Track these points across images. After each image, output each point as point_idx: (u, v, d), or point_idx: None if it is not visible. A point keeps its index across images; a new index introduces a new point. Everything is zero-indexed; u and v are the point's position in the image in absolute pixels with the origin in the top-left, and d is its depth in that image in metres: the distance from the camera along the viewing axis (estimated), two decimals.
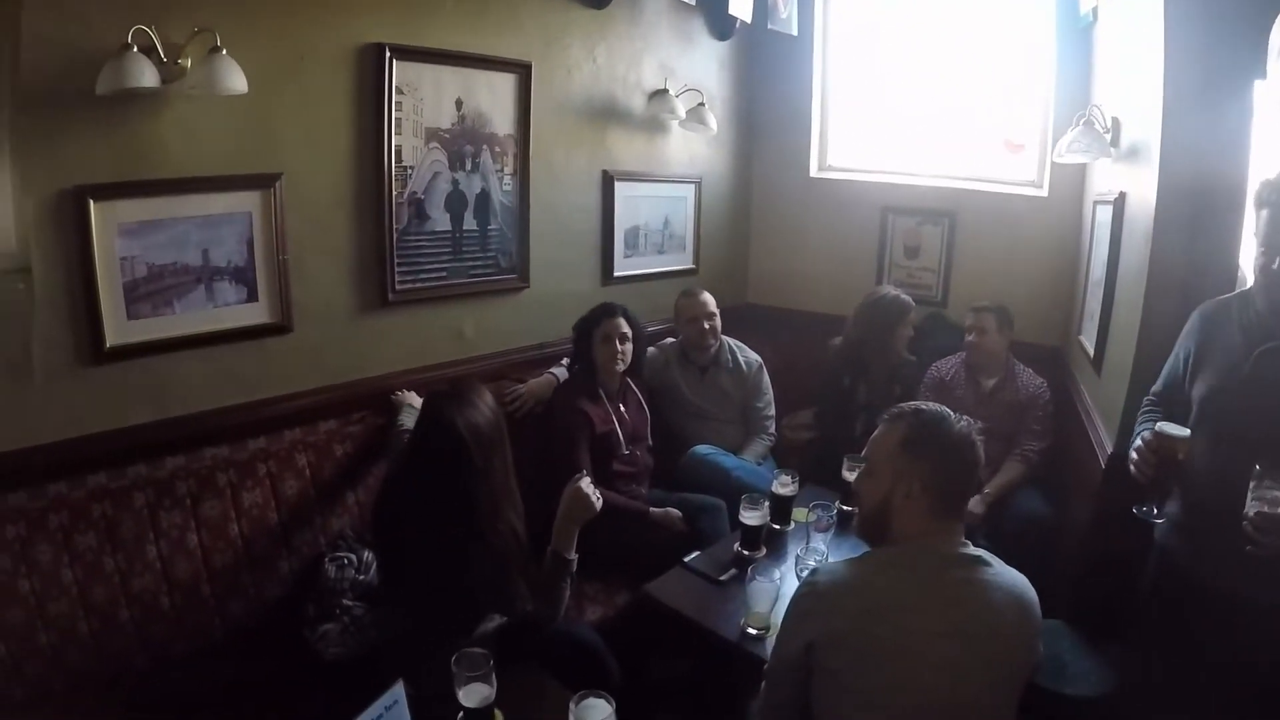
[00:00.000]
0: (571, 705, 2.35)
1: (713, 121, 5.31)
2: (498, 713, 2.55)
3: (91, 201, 3.28)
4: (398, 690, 2.15)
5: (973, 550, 2.30)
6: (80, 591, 3.21)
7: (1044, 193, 5.19)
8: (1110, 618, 3.43)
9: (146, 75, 3.13)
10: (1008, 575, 2.29)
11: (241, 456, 3.68)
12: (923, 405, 2.39)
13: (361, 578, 3.60)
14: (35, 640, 3.11)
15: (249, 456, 3.70)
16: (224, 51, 3.25)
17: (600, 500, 3.10)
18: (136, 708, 3.14)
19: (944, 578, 2.24)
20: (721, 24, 5.49)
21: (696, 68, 5.49)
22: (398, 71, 4.06)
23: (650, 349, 4.81)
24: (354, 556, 3.66)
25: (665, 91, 5.17)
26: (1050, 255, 5.15)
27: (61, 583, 3.18)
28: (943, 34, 5.34)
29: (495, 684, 2.50)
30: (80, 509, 3.26)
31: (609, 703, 2.35)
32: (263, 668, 3.32)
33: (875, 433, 2.43)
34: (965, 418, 2.35)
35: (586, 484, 3.09)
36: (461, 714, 2.51)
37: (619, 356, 4.31)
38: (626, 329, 4.33)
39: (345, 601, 3.48)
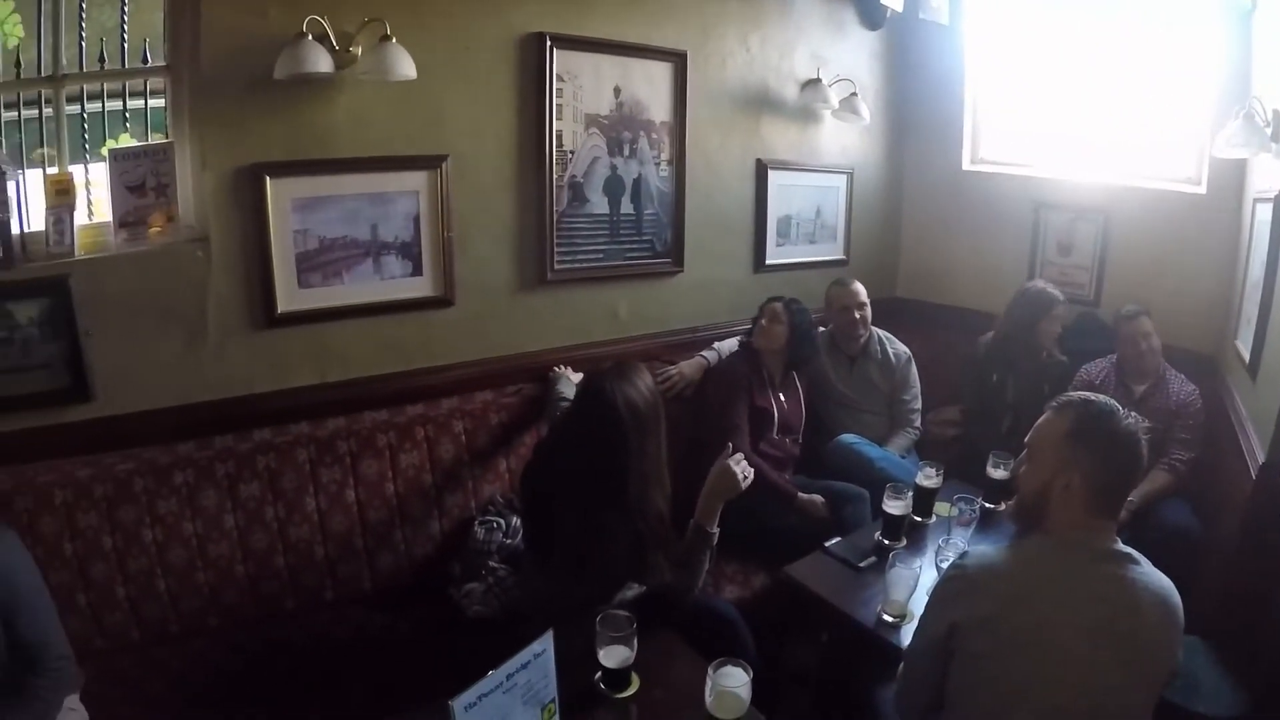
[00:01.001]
0: (710, 670, 2.28)
1: (865, 112, 5.09)
2: (634, 675, 2.49)
3: (268, 178, 3.38)
4: (547, 639, 2.11)
5: (1123, 547, 2.15)
6: (240, 536, 3.32)
7: (1201, 189, 4.75)
8: (1252, 637, 3.15)
9: (321, 61, 3.20)
10: (1155, 576, 2.13)
11: (400, 420, 3.69)
12: (1092, 396, 2.21)
13: (509, 542, 3.55)
14: (194, 579, 3.22)
15: (408, 421, 3.71)
16: (394, 40, 3.28)
17: (748, 479, 2.95)
18: (285, 646, 3.18)
19: (1092, 572, 2.09)
20: (872, 13, 5.24)
21: (848, 57, 5.25)
22: (558, 60, 4.01)
23: None
24: (503, 521, 3.63)
25: (818, 81, 4.95)
26: (1207, 255, 4.68)
27: (223, 527, 3.28)
28: (1096, 23, 4.94)
29: (636, 647, 2.45)
30: (246, 460, 3.36)
31: (746, 671, 2.28)
32: (408, 618, 3.35)
33: (1041, 419, 2.26)
34: (1133, 414, 2.17)
35: (736, 460, 2.94)
36: (600, 673, 2.47)
37: (764, 332, 4.20)
38: (781, 313, 4.20)
39: (491, 563, 3.44)
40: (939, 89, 5.54)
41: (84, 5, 3.22)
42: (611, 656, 2.44)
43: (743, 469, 2.93)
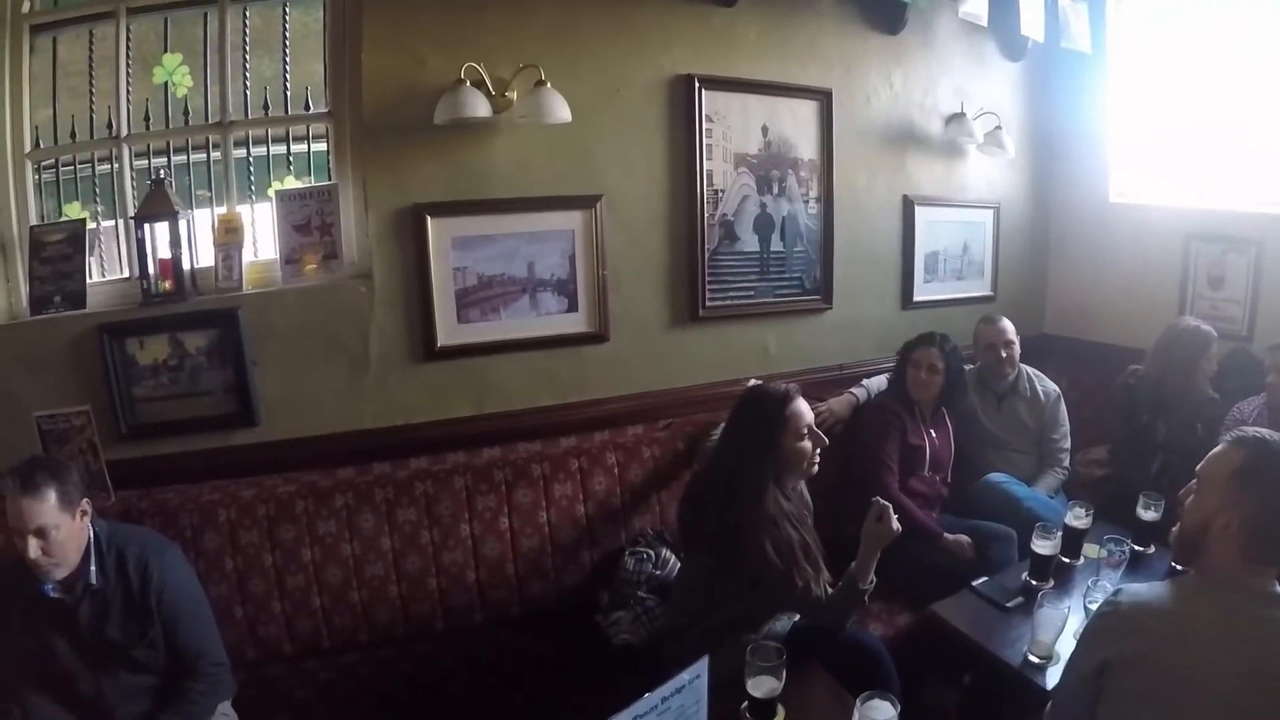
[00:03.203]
0: (857, 703, 2.09)
1: (1010, 145, 4.74)
2: (780, 706, 2.30)
3: (429, 218, 3.39)
4: (701, 665, 1.92)
5: None
6: (395, 559, 3.25)
7: None
8: None
9: (480, 107, 3.18)
10: None
11: (554, 452, 3.56)
12: (1270, 436, 1.92)
13: (658, 573, 3.36)
14: (348, 597, 3.19)
15: (561, 453, 3.57)
16: (548, 84, 3.23)
17: (897, 525, 2.74)
18: (433, 664, 3.09)
19: (1248, 613, 1.82)
20: (1013, 44, 4.87)
21: (991, 90, 4.92)
22: (707, 100, 3.86)
23: None
24: (652, 553, 3.43)
25: (962, 115, 4.64)
26: None
27: (379, 549, 3.23)
28: (1248, 41, 4.39)
29: (784, 679, 2.28)
30: (404, 486, 3.30)
31: (894, 705, 2.07)
32: (554, 644, 3.20)
33: (1215, 449, 1.98)
34: None
35: (880, 516, 2.75)
36: (747, 703, 2.30)
37: (923, 384, 3.90)
38: (938, 362, 3.89)
39: (640, 593, 3.28)
40: (1083, 119, 5.10)
41: (247, 56, 3.29)
42: (759, 686, 2.28)
43: (890, 519, 2.73)
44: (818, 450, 2.86)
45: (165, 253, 3.11)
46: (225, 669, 2.57)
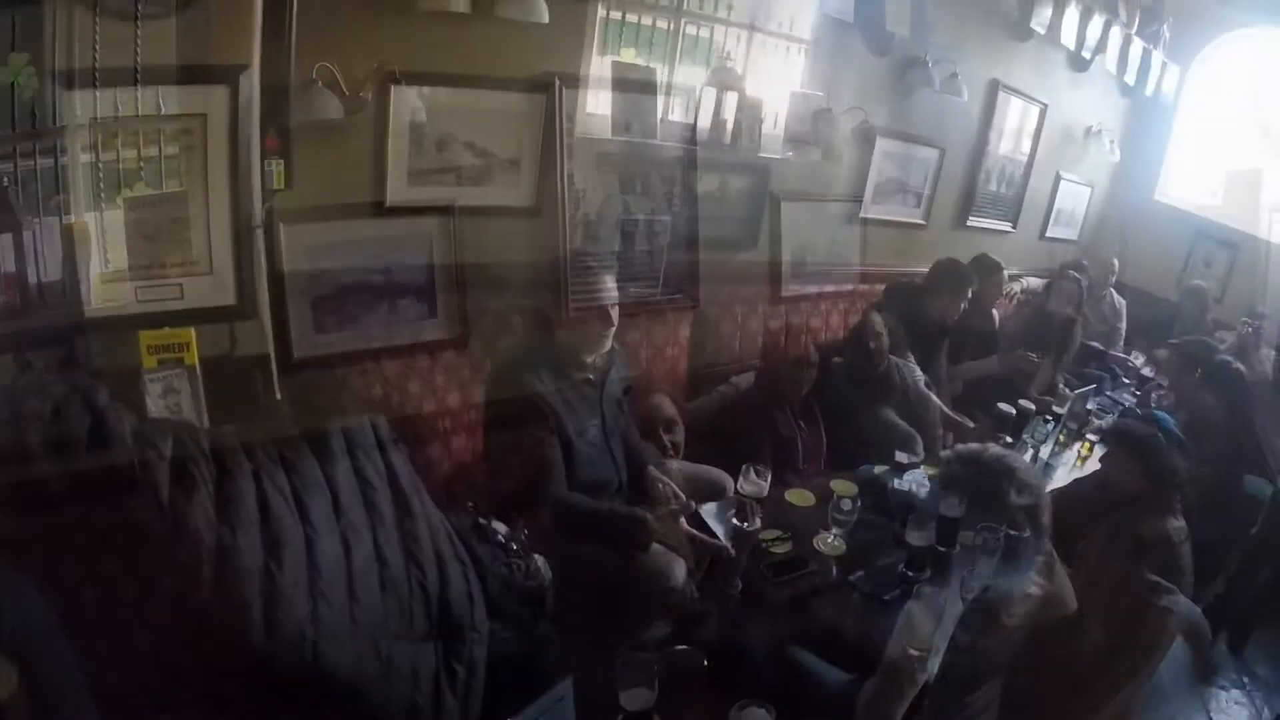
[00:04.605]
0: (732, 712, 2.28)
1: (878, 140, 5.05)
2: (656, 718, 2.45)
3: (281, 225, 3.36)
4: (565, 686, 2.09)
5: (1151, 579, 2.20)
6: None
7: None
8: None
9: (330, 108, 3.27)
10: (1183, 604, 2.19)
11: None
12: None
13: (530, 583, 3.46)
14: None
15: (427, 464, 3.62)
16: (403, 83, 3.35)
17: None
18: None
19: None
20: (880, 40, 5.08)
21: (858, 86, 5.15)
22: (568, 99, 3.99)
23: None
24: (523, 563, 3.52)
25: (828, 110, 4.88)
26: None
27: None
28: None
29: (657, 689, 2.42)
30: None
31: (769, 713, 2.27)
32: (427, 660, 3.13)
33: None
34: None
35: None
36: (621, 717, 2.42)
37: (804, 381, 4.24)
38: (815, 356, 4.22)
39: (512, 605, 3.35)
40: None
41: (97, 56, 3.20)
42: (633, 700, 2.40)
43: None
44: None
45: (11, 267, 3.02)
46: None
